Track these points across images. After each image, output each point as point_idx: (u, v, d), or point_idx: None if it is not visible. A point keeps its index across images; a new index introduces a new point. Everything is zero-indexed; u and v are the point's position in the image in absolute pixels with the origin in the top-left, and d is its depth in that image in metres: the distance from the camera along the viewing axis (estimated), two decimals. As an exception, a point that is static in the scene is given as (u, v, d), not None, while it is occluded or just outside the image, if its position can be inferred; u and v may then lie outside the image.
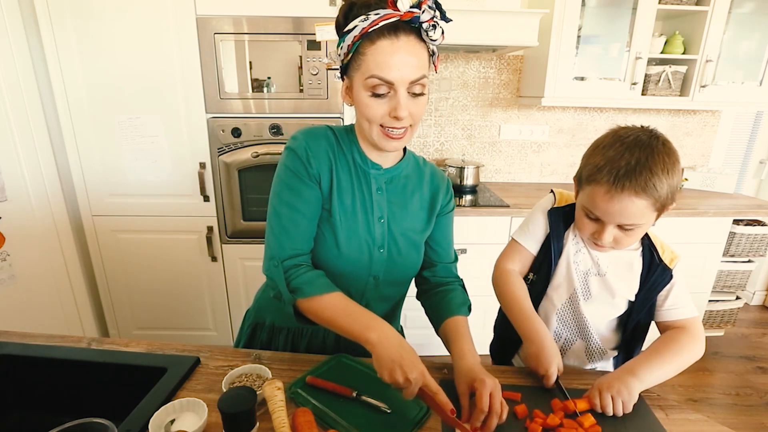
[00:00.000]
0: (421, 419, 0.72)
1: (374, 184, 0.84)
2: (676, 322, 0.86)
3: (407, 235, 0.88)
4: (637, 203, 0.73)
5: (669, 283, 0.86)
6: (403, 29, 0.69)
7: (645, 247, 0.89)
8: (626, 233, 0.79)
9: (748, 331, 2.60)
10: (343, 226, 0.82)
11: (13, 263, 1.70)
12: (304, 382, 0.80)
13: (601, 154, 0.77)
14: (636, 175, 0.72)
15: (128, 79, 1.72)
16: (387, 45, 0.69)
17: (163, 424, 0.69)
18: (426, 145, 2.47)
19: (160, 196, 1.88)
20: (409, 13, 0.68)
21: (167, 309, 2.07)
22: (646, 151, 0.73)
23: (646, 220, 0.77)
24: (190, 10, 1.66)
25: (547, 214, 0.94)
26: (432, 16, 0.69)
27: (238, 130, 1.79)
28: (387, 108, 0.73)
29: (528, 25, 1.87)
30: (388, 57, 0.69)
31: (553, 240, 0.92)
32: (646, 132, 0.77)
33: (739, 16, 2.02)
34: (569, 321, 0.94)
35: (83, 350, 0.89)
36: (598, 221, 0.80)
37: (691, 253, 2.12)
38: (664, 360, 0.80)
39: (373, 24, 0.68)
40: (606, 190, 0.75)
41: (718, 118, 2.51)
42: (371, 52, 0.69)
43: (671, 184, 0.74)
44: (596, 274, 0.89)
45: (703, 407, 1.96)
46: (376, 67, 0.69)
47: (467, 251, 2.01)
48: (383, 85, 0.71)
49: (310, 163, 0.79)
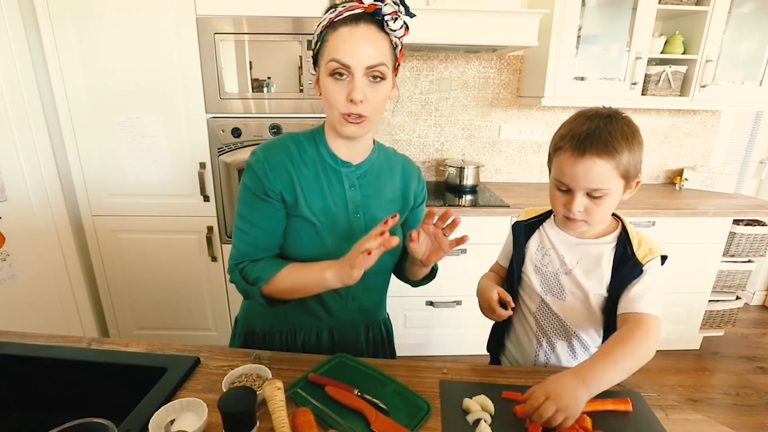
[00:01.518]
0: (421, 419, 0.72)
1: (346, 182, 0.87)
2: (633, 315, 0.81)
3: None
4: (599, 164, 0.77)
5: (638, 277, 0.84)
6: (365, 19, 0.74)
7: (619, 241, 0.88)
8: (595, 202, 0.81)
9: (748, 331, 2.60)
10: (323, 225, 0.85)
11: (13, 263, 1.70)
12: (305, 381, 0.80)
13: (565, 127, 0.84)
14: (596, 137, 0.77)
15: (128, 79, 1.72)
16: (347, 31, 0.74)
17: (163, 424, 0.69)
18: (426, 145, 2.47)
19: (160, 196, 1.88)
20: (372, 5, 0.73)
21: (167, 309, 2.07)
22: (605, 119, 0.79)
23: (612, 185, 0.79)
24: (190, 10, 1.66)
25: (511, 227, 1.01)
26: (395, 10, 0.75)
27: (238, 130, 1.80)
28: (345, 92, 0.76)
29: (528, 25, 1.86)
30: (346, 42, 0.73)
31: (515, 249, 0.98)
32: (609, 108, 0.83)
33: (739, 16, 2.02)
34: (548, 323, 0.94)
35: (83, 350, 0.89)
36: (569, 192, 0.83)
37: (691, 253, 2.12)
38: (615, 363, 0.74)
39: (339, 14, 0.74)
40: (570, 155, 0.80)
41: (718, 118, 2.51)
42: (332, 39, 0.75)
43: (632, 150, 0.78)
44: (564, 273, 0.90)
45: (703, 407, 1.96)
46: (335, 51, 0.74)
47: (467, 251, 2.01)
48: (341, 68, 0.74)
49: (267, 177, 0.82)
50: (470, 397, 0.77)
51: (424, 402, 0.76)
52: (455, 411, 0.75)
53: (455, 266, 1.98)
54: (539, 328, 0.96)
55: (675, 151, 2.56)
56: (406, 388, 0.79)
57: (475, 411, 0.73)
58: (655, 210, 2.00)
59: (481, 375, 0.86)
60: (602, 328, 0.91)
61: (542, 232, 0.96)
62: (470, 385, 0.82)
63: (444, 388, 0.81)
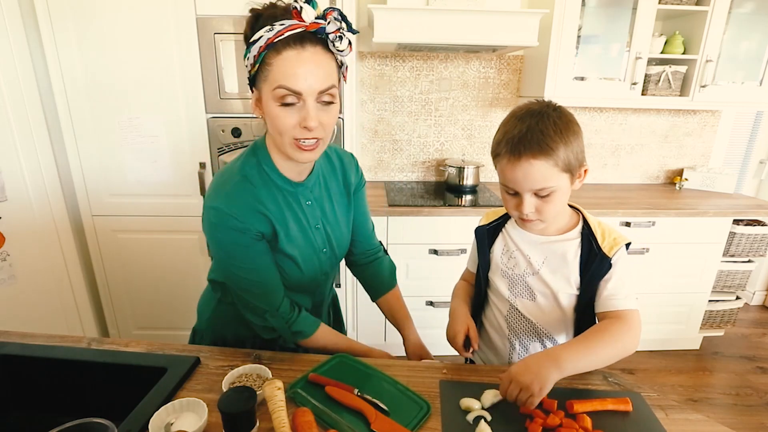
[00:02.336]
0: (421, 419, 0.72)
1: (302, 200, 0.87)
2: (611, 313, 0.82)
3: (338, 225, 0.96)
4: (536, 165, 0.76)
5: (608, 272, 0.83)
6: (310, 40, 0.69)
7: (584, 236, 0.87)
8: (544, 200, 0.80)
9: (748, 331, 2.60)
10: (297, 252, 0.87)
11: (13, 263, 1.70)
12: (305, 381, 0.80)
13: (500, 131, 0.83)
14: (528, 139, 0.76)
15: (128, 79, 1.72)
16: (293, 55, 0.68)
17: (163, 424, 0.69)
18: (426, 145, 2.47)
19: (160, 196, 1.88)
20: (314, 24, 0.69)
21: (167, 309, 2.07)
22: (536, 117, 0.78)
23: (556, 182, 0.78)
24: (190, 10, 1.66)
25: (474, 233, 1.01)
26: (338, 27, 0.70)
27: (238, 130, 1.79)
28: (297, 118, 0.72)
29: (528, 25, 1.86)
30: (294, 67, 0.68)
31: (480, 254, 0.99)
32: (540, 103, 0.82)
33: (739, 16, 2.02)
34: (519, 326, 0.94)
35: (83, 350, 0.89)
36: (517, 195, 0.82)
37: (691, 253, 2.12)
38: (591, 349, 0.75)
39: (279, 34, 0.68)
40: (507, 160, 0.79)
41: (718, 118, 2.51)
42: (277, 63, 0.69)
43: (567, 143, 0.77)
44: (531, 274, 0.90)
45: (703, 407, 1.96)
46: (284, 78, 0.69)
47: (467, 251, 2.00)
48: (291, 95, 0.70)
49: (246, 227, 0.79)
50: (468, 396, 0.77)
51: (424, 402, 0.76)
52: (455, 411, 0.75)
53: (455, 266, 1.98)
54: (511, 331, 0.95)
55: (675, 151, 2.56)
56: (406, 388, 0.79)
57: (474, 409, 0.74)
58: (655, 210, 2.00)
59: (481, 375, 0.86)
60: (573, 328, 0.91)
61: (505, 235, 0.95)
62: (470, 385, 0.82)
63: (444, 388, 0.81)
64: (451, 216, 1.96)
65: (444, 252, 2.01)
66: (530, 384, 0.69)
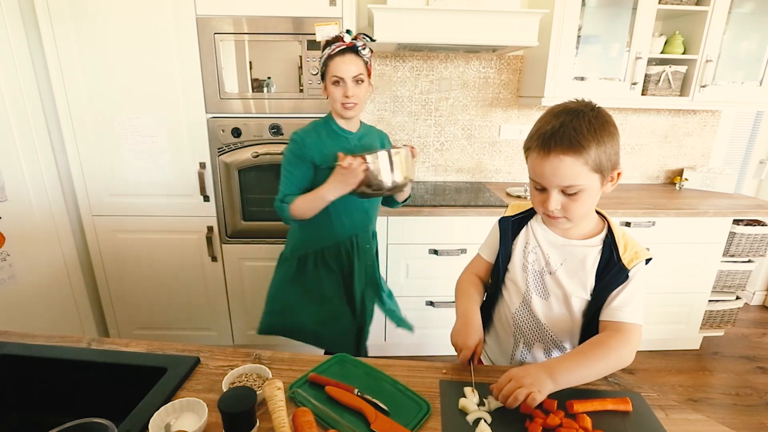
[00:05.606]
0: (421, 419, 0.72)
1: (351, 143, 1.37)
2: (615, 324, 0.82)
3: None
4: (565, 161, 0.76)
5: (623, 284, 0.83)
6: (348, 51, 1.25)
7: (606, 244, 0.86)
8: (571, 199, 0.80)
9: (748, 331, 2.60)
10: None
11: (13, 263, 1.70)
12: (305, 381, 0.80)
13: (535, 126, 0.84)
14: (560, 134, 0.76)
15: (128, 79, 1.72)
16: (339, 59, 1.25)
17: (163, 424, 0.69)
18: (426, 145, 2.47)
19: (160, 196, 1.89)
20: (350, 43, 1.25)
21: (167, 309, 2.07)
22: (572, 114, 0.78)
23: (585, 181, 0.78)
24: (190, 10, 1.66)
25: (498, 223, 1.00)
26: (363, 43, 1.27)
27: (238, 130, 1.80)
28: (342, 91, 1.27)
29: (528, 25, 1.86)
30: (339, 65, 1.25)
31: (501, 245, 0.98)
32: (579, 102, 0.82)
33: (739, 16, 2.02)
34: (525, 324, 0.94)
35: (83, 350, 0.89)
36: (545, 191, 0.82)
37: (691, 253, 2.12)
38: (585, 365, 0.76)
39: (332, 50, 1.25)
40: (537, 154, 0.80)
41: (718, 118, 2.51)
42: (332, 64, 1.26)
43: (600, 143, 0.76)
44: (549, 273, 0.90)
45: (703, 407, 1.96)
46: (335, 70, 1.26)
47: (467, 251, 2.01)
48: (339, 80, 1.26)
49: (304, 146, 1.30)
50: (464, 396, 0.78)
51: (424, 402, 0.76)
52: (455, 411, 0.75)
53: (455, 266, 1.97)
54: (517, 328, 0.96)
55: (675, 151, 2.56)
56: (406, 388, 0.80)
57: (474, 411, 0.74)
58: (655, 210, 2.00)
59: (481, 375, 0.86)
60: (580, 332, 0.90)
61: (529, 230, 0.95)
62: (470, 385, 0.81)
63: (444, 388, 0.81)
64: (452, 216, 1.96)
65: (444, 252, 2.01)
66: (530, 384, 0.71)
